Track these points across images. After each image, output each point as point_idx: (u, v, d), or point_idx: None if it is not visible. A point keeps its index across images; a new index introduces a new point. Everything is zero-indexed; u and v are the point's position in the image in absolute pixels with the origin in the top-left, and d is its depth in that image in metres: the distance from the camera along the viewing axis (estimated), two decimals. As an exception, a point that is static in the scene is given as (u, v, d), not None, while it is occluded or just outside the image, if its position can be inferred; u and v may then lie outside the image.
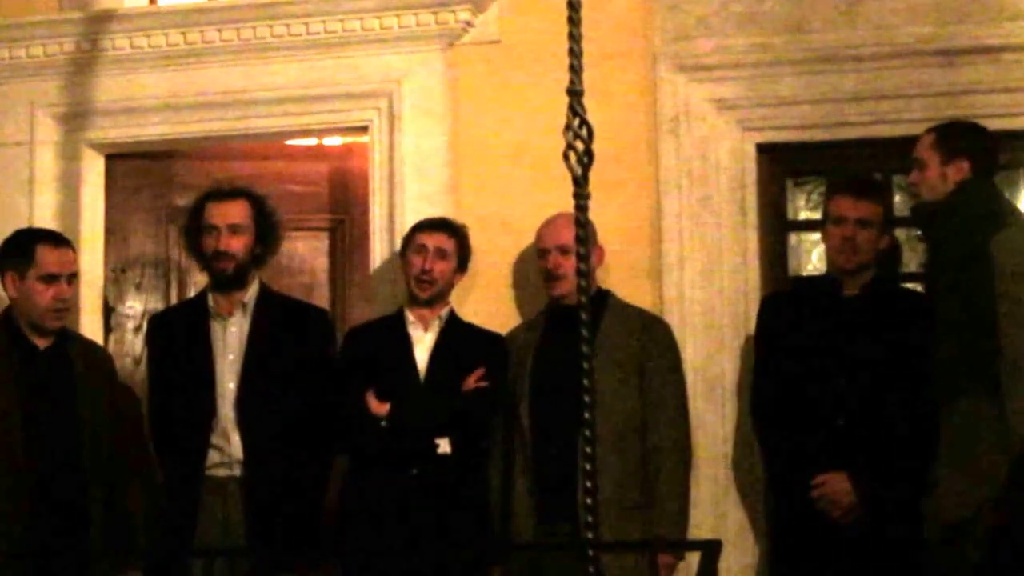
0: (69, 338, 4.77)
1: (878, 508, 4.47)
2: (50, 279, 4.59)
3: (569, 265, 4.69)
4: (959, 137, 4.42)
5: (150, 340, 5.04)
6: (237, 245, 4.81)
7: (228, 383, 4.78)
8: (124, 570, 4.67)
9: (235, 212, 4.83)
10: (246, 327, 4.83)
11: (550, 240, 4.82)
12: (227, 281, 4.83)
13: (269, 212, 4.92)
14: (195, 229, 4.88)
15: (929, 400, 4.35)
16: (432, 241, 4.83)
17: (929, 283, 4.76)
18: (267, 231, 4.90)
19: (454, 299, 4.94)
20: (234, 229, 4.81)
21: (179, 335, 4.88)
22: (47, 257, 4.61)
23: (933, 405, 4.33)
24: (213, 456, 4.74)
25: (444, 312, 4.86)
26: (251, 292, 4.87)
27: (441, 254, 4.82)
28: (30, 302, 4.58)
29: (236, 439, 4.73)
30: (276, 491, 4.68)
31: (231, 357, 4.80)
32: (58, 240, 4.73)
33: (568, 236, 4.65)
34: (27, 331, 4.61)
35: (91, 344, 5.03)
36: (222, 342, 4.82)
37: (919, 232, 4.90)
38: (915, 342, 4.41)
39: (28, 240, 4.70)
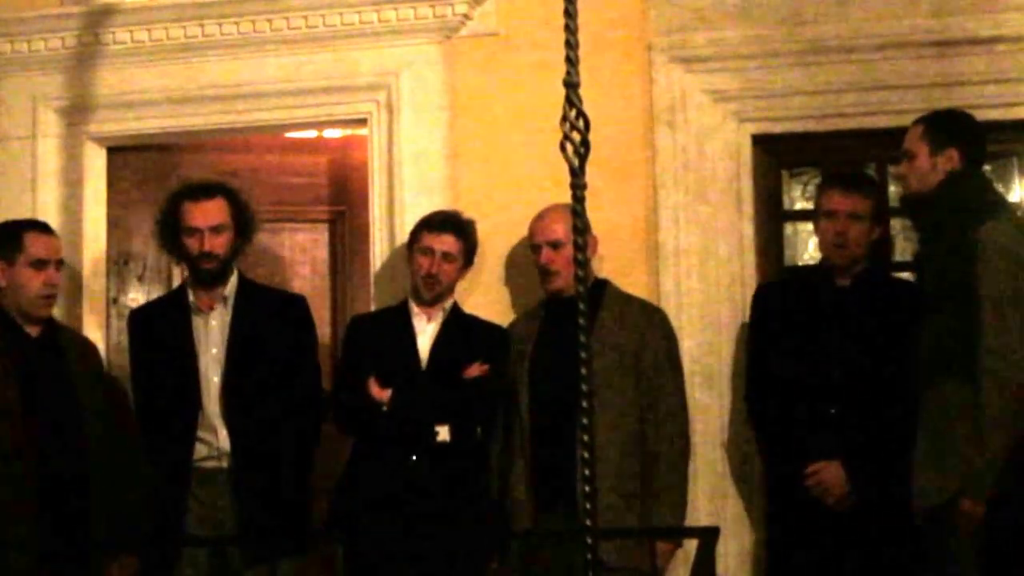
0: (58, 327, 4.82)
1: (871, 496, 4.51)
2: (40, 265, 4.64)
3: (561, 260, 4.73)
4: (948, 127, 4.43)
5: (131, 335, 5.03)
6: (220, 245, 4.81)
7: (212, 377, 4.80)
8: (120, 555, 4.72)
9: (215, 212, 4.83)
10: (227, 320, 4.84)
11: (541, 236, 4.84)
12: (211, 279, 4.85)
13: (245, 205, 4.92)
14: (171, 227, 4.86)
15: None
16: (439, 245, 4.83)
17: (919, 272, 4.79)
18: (245, 225, 4.90)
19: (456, 288, 4.98)
20: (216, 230, 4.81)
21: (161, 330, 4.89)
22: (35, 243, 4.67)
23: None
24: (200, 449, 4.76)
25: (448, 304, 4.89)
26: (231, 285, 4.88)
27: (447, 257, 4.84)
28: (20, 289, 4.62)
29: (223, 432, 4.75)
30: (264, 481, 4.71)
31: (214, 351, 4.82)
32: (44, 228, 4.79)
33: (558, 231, 4.72)
34: (18, 320, 4.65)
35: (78, 334, 5.07)
36: (204, 336, 4.84)
37: (913, 223, 4.93)
38: (907, 331, 4.44)
39: (15, 228, 4.75)
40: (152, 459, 4.84)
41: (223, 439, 4.75)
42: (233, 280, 4.89)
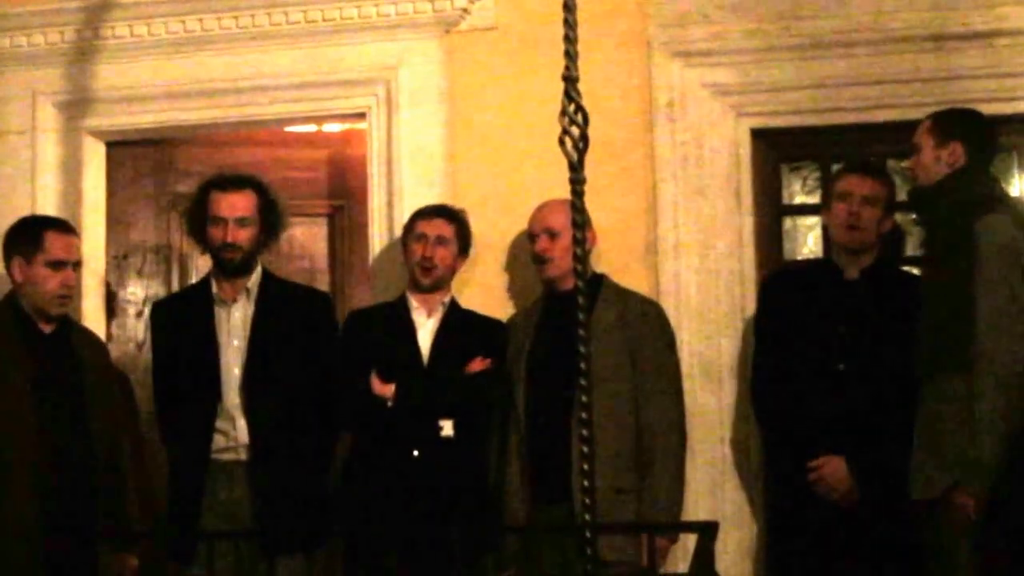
0: (71, 325, 4.82)
1: (875, 491, 4.51)
2: (57, 265, 4.62)
3: (556, 248, 4.75)
4: (953, 122, 4.46)
5: (154, 326, 5.06)
6: (244, 236, 4.84)
7: (233, 368, 4.81)
8: (121, 551, 4.73)
9: (242, 204, 4.85)
10: (250, 313, 4.86)
11: (538, 224, 4.85)
12: (234, 270, 4.87)
13: (274, 200, 4.94)
14: (200, 216, 4.90)
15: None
16: (432, 229, 4.86)
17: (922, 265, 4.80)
18: (272, 220, 4.93)
19: (454, 283, 4.98)
20: (241, 221, 4.83)
21: (183, 321, 4.90)
22: (55, 243, 4.64)
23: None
24: (219, 440, 4.77)
25: (446, 299, 4.90)
26: (254, 278, 4.90)
27: (441, 241, 4.85)
28: (36, 287, 4.61)
29: (242, 424, 4.76)
30: (281, 474, 4.72)
31: (236, 343, 4.83)
32: (65, 227, 4.77)
33: (555, 220, 4.73)
34: (33, 317, 4.65)
35: (88, 331, 5.07)
36: (226, 328, 4.86)
37: (916, 216, 4.94)
38: (913, 325, 4.43)
39: (36, 226, 4.74)
40: (170, 450, 4.87)
41: (241, 431, 4.76)
42: (257, 273, 4.91)
